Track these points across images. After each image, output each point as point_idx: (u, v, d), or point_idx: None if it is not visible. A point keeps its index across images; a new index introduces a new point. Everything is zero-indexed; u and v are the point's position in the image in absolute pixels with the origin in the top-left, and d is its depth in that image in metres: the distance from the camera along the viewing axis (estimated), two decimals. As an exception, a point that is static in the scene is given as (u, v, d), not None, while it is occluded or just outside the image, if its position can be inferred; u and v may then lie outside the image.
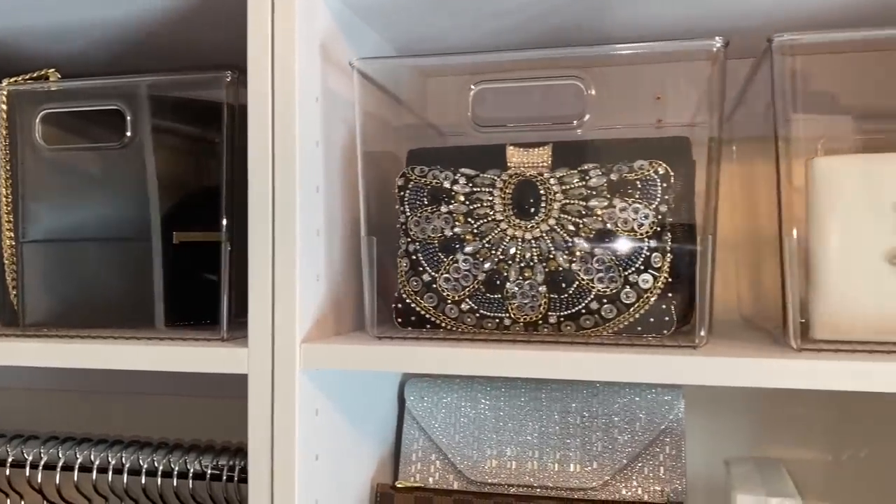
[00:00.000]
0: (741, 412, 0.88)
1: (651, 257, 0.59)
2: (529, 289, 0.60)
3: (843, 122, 0.61)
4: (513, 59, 0.64)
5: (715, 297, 0.87)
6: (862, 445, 0.85)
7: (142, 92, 0.69)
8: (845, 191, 0.56)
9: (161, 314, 0.73)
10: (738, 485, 0.63)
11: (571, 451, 0.77)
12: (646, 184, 0.59)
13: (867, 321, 0.56)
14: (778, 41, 0.55)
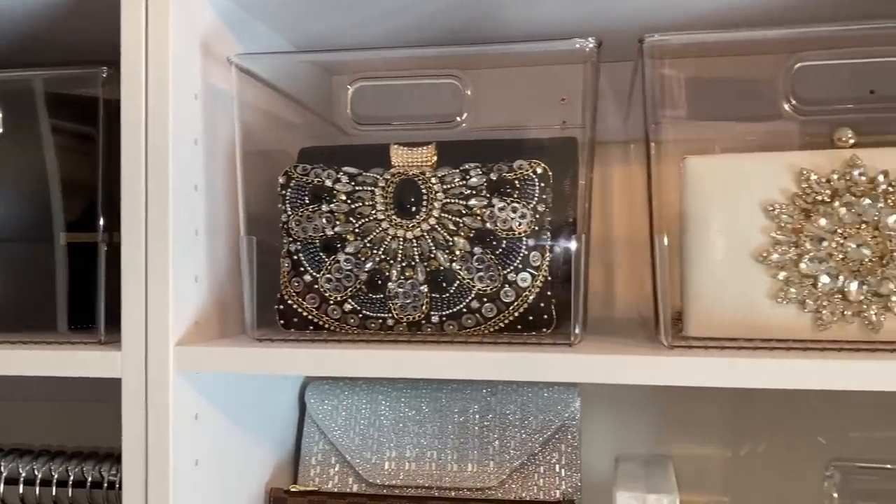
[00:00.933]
0: (643, 409, 0.89)
1: (530, 256, 0.59)
2: (411, 288, 0.60)
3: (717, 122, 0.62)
4: (384, 56, 0.64)
5: (617, 297, 0.89)
6: (760, 440, 0.87)
7: (16, 87, 0.67)
8: (716, 190, 0.57)
9: (63, 318, 0.71)
10: (620, 482, 0.64)
11: (470, 450, 0.77)
12: (524, 183, 0.60)
13: (738, 318, 0.57)
14: (648, 42, 0.56)
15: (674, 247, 0.56)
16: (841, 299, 0.54)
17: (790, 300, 0.55)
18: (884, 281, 0.54)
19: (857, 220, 0.54)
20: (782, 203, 0.55)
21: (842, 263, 0.54)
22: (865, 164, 0.54)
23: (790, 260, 0.55)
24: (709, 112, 0.61)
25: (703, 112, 0.60)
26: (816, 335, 0.55)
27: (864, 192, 0.54)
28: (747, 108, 0.58)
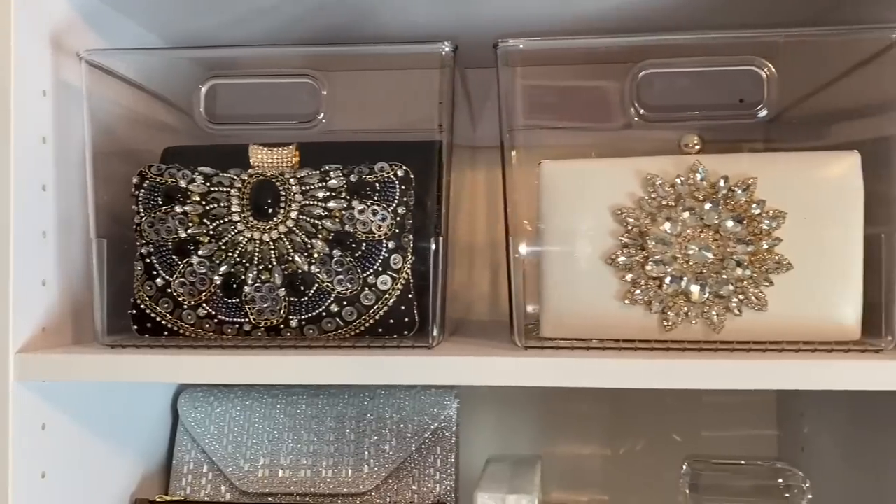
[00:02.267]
0: (526, 410, 0.90)
1: (390, 259, 0.59)
2: (269, 292, 0.59)
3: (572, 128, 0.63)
4: (235, 55, 0.63)
5: (490, 299, 0.90)
6: (638, 439, 0.90)
7: None
8: (569, 194, 0.58)
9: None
10: (483, 483, 0.64)
11: (345, 456, 0.76)
12: (385, 186, 0.59)
13: (590, 320, 0.58)
14: (502, 47, 0.56)
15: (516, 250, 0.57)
16: (685, 300, 0.56)
17: (637, 301, 0.57)
18: (724, 283, 0.56)
19: (699, 223, 0.56)
20: (630, 207, 0.57)
21: (685, 266, 0.56)
22: (707, 169, 0.56)
23: (637, 262, 0.56)
24: (568, 117, 0.62)
25: (561, 117, 0.61)
26: (663, 335, 0.57)
27: (706, 196, 0.56)
28: (601, 114, 0.59)
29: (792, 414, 0.83)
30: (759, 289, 0.55)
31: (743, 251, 0.55)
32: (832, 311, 0.55)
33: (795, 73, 0.78)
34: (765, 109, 0.56)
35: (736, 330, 0.56)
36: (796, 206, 0.55)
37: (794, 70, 0.79)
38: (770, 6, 0.68)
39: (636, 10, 0.63)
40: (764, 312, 0.55)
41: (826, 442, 0.75)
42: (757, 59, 0.55)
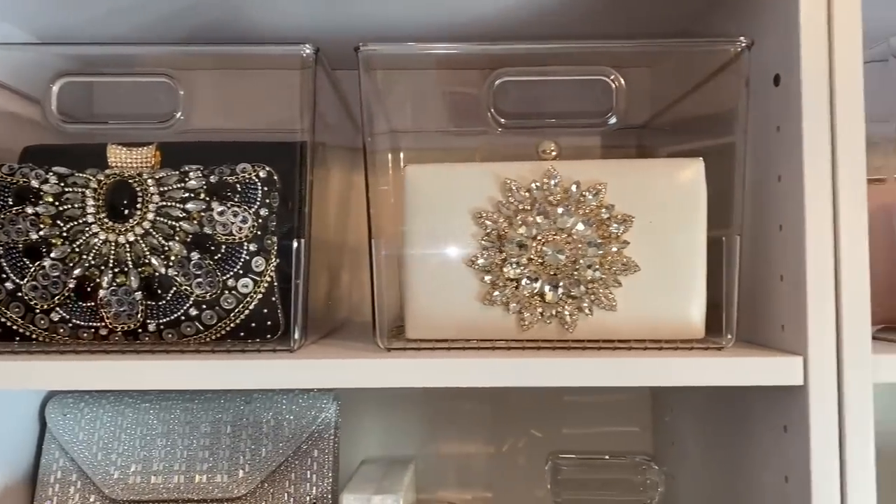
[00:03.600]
0: (411, 410, 0.91)
1: (252, 262, 0.59)
2: (125, 295, 0.57)
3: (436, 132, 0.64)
4: (93, 52, 0.61)
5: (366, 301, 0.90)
6: (521, 436, 0.92)
7: None
8: (432, 197, 0.59)
9: None
10: (350, 485, 0.64)
11: (220, 461, 0.75)
12: (246, 187, 0.59)
13: (452, 321, 0.59)
14: (364, 51, 0.57)
15: (378, 252, 0.58)
16: (540, 301, 0.58)
17: (496, 302, 0.58)
18: (576, 284, 0.57)
19: (553, 227, 0.58)
20: (489, 211, 0.58)
21: (540, 268, 0.58)
22: (561, 175, 0.58)
23: (496, 264, 0.58)
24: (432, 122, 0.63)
25: (432, 122, 0.62)
26: (520, 335, 0.58)
27: (560, 201, 0.58)
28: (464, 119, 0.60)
29: (663, 410, 0.86)
30: (609, 289, 0.57)
31: (593, 254, 0.57)
32: (677, 311, 0.58)
33: (666, 82, 0.82)
34: (614, 118, 0.59)
35: (588, 329, 0.58)
36: (643, 210, 0.57)
37: (665, 79, 0.83)
38: (634, 18, 0.71)
39: (503, 19, 0.65)
40: (614, 312, 0.58)
41: (690, 436, 0.78)
42: (607, 69, 0.57)
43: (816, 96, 0.54)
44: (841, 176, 0.54)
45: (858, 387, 0.54)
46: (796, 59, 0.55)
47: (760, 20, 0.61)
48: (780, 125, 0.57)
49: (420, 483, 0.90)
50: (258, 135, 0.62)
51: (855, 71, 0.54)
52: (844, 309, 0.54)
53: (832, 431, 0.54)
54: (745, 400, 0.64)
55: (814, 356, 0.54)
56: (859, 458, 0.54)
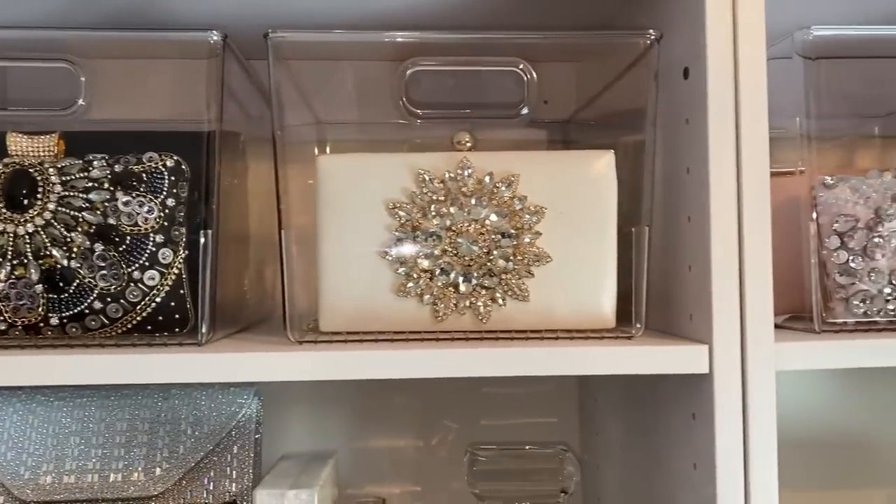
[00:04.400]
0: (341, 405, 0.90)
1: (159, 253, 0.57)
2: (25, 288, 0.55)
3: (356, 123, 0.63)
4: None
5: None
6: (450, 430, 0.92)
7: None
8: (346, 187, 0.58)
9: None
10: (265, 481, 0.64)
11: (136, 459, 0.73)
12: (153, 177, 0.57)
13: (366, 313, 0.58)
14: (273, 38, 0.56)
15: (289, 243, 0.57)
16: (454, 292, 0.58)
17: (410, 294, 0.58)
18: (489, 274, 0.58)
19: (466, 218, 0.58)
20: (403, 201, 0.58)
21: (454, 259, 0.58)
22: (475, 166, 0.58)
23: (409, 256, 0.58)
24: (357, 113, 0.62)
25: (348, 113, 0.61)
26: (435, 326, 0.58)
27: (473, 192, 0.58)
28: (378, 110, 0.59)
29: (588, 400, 0.87)
30: (522, 280, 0.58)
31: (506, 244, 0.57)
32: (589, 301, 0.58)
33: (589, 76, 0.83)
34: (526, 109, 0.59)
35: (502, 320, 0.58)
36: (555, 201, 0.58)
37: (588, 74, 0.84)
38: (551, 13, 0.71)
39: (417, 10, 0.64)
40: (527, 303, 0.58)
41: (612, 425, 0.79)
42: (519, 61, 0.57)
43: (722, 90, 0.55)
44: (745, 168, 0.55)
45: (762, 375, 0.55)
46: (703, 52, 0.56)
47: (672, 14, 0.61)
48: (689, 118, 0.58)
49: (348, 478, 0.90)
50: (168, 125, 0.60)
51: (759, 65, 0.55)
52: (748, 299, 0.55)
53: (736, 418, 0.55)
54: (659, 388, 0.65)
55: (719, 345, 0.55)
56: (762, 445, 0.55)
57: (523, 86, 0.57)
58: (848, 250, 0.59)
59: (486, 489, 0.67)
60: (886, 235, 0.59)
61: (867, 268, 0.58)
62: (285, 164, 0.59)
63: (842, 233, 0.59)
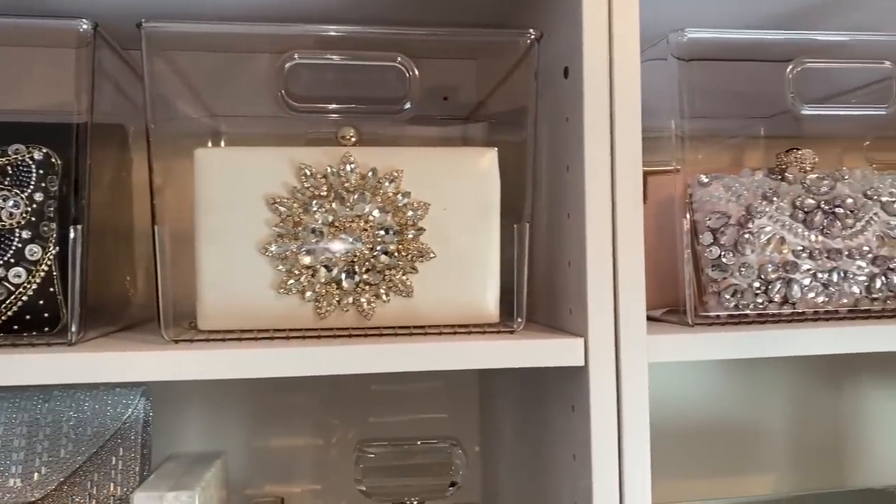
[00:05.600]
0: (239, 404, 0.89)
1: (25, 250, 0.55)
2: None
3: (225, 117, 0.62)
4: None
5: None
6: (350, 427, 0.91)
7: None
8: (224, 182, 0.57)
9: None
10: (145, 483, 0.62)
11: (13, 464, 0.70)
12: (18, 170, 0.55)
13: (246, 310, 0.57)
14: (147, 27, 0.54)
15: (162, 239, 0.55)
16: (337, 289, 0.57)
17: (292, 291, 0.57)
18: (373, 271, 0.57)
19: (349, 213, 0.57)
20: (284, 196, 0.57)
21: (337, 255, 0.57)
22: (358, 161, 0.57)
23: (291, 252, 0.57)
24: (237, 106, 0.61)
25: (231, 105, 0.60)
26: (318, 324, 0.58)
27: (356, 187, 0.57)
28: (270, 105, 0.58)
29: (487, 395, 0.88)
30: (406, 276, 0.58)
31: (390, 240, 0.57)
32: (473, 296, 0.59)
33: (487, 75, 0.83)
34: (408, 104, 0.59)
35: (386, 316, 0.58)
36: (439, 197, 0.58)
37: (486, 72, 0.84)
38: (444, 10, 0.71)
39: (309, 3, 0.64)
40: (411, 298, 0.58)
41: (507, 419, 0.80)
42: (402, 56, 0.57)
43: (597, 89, 0.57)
44: (619, 167, 0.57)
45: (635, 366, 0.57)
46: (579, 53, 0.57)
47: (555, 14, 0.62)
48: (569, 117, 0.59)
49: (247, 478, 0.88)
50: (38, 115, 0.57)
51: (633, 66, 0.57)
52: (622, 293, 0.56)
53: (611, 410, 0.56)
54: (543, 382, 0.66)
55: (593, 338, 0.56)
56: (636, 435, 0.57)
57: (405, 81, 0.57)
58: (720, 246, 0.61)
59: (374, 485, 0.67)
60: (756, 232, 0.61)
61: (738, 263, 0.61)
62: (169, 158, 0.57)
63: (714, 229, 0.62)
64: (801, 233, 0.61)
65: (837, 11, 0.81)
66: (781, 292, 0.61)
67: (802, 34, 0.63)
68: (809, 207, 0.62)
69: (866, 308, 0.63)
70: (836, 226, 0.62)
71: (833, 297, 0.62)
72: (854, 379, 1.01)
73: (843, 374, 1.00)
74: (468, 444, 0.91)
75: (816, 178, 0.63)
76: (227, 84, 0.63)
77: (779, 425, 0.99)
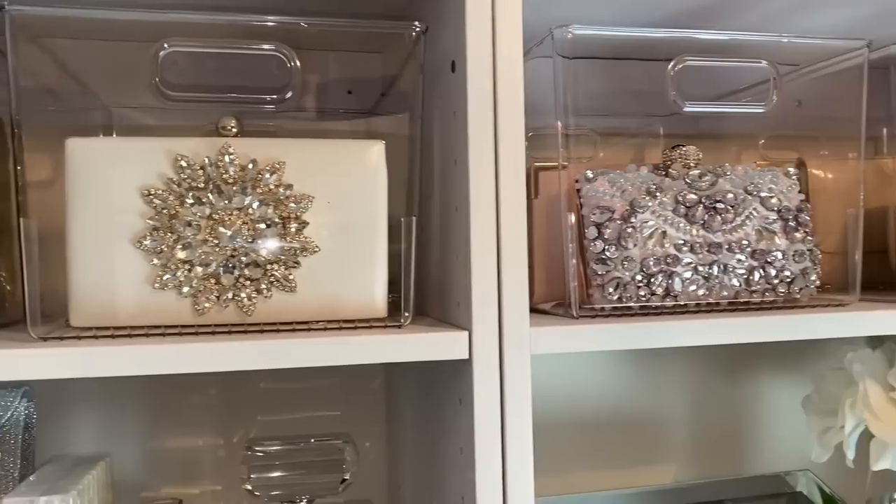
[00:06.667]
0: (136, 404, 0.86)
1: None
2: None
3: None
4: None
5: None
6: (251, 426, 0.89)
7: None
8: (98, 173, 0.55)
9: None
10: (17, 488, 0.59)
11: None
12: None
13: (121, 306, 0.55)
14: (10, 11, 0.51)
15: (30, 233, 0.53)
16: (215, 284, 0.56)
17: (168, 286, 0.55)
18: (253, 265, 0.56)
19: (229, 206, 0.56)
20: (159, 188, 0.55)
21: (216, 249, 0.56)
22: (237, 152, 0.56)
23: (166, 246, 0.55)
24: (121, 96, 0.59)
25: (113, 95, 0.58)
26: (196, 320, 0.56)
27: (235, 179, 0.56)
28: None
29: (391, 392, 0.88)
30: (288, 271, 0.57)
31: (272, 234, 0.56)
32: (359, 291, 0.58)
33: (390, 68, 0.83)
34: (290, 93, 0.58)
35: (268, 312, 0.57)
36: (323, 190, 0.57)
37: (389, 66, 0.84)
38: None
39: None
40: (294, 294, 0.57)
41: (408, 414, 0.80)
42: (283, 46, 0.56)
43: (482, 84, 0.57)
44: (503, 162, 0.57)
45: (518, 359, 0.57)
46: (464, 47, 0.57)
47: (443, 7, 0.62)
48: (456, 111, 0.59)
49: (143, 480, 0.86)
50: None
51: (516, 62, 0.57)
52: (505, 286, 0.57)
53: (494, 402, 0.57)
54: (435, 376, 0.66)
55: (478, 331, 0.56)
56: (519, 427, 0.57)
57: (288, 72, 0.56)
58: (604, 240, 0.62)
59: (262, 484, 0.66)
60: (639, 226, 0.62)
61: (621, 256, 0.62)
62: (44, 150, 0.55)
63: (599, 224, 0.63)
64: (682, 227, 0.63)
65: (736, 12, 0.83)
66: (663, 285, 0.62)
67: (685, 33, 0.65)
68: (691, 202, 0.64)
69: (746, 300, 0.65)
70: (716, 220, 0.63)
71: (713, 289, 0.64)
72: (751, 369, 1.04)
73: (741, 364, 1.04)
74: (374, 440, 0.90)
75: (699, 174, 0.65)
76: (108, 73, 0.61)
77: (680, 416, 1.01)
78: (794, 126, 0.92)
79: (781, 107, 0.78)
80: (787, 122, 0.90)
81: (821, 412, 0.83)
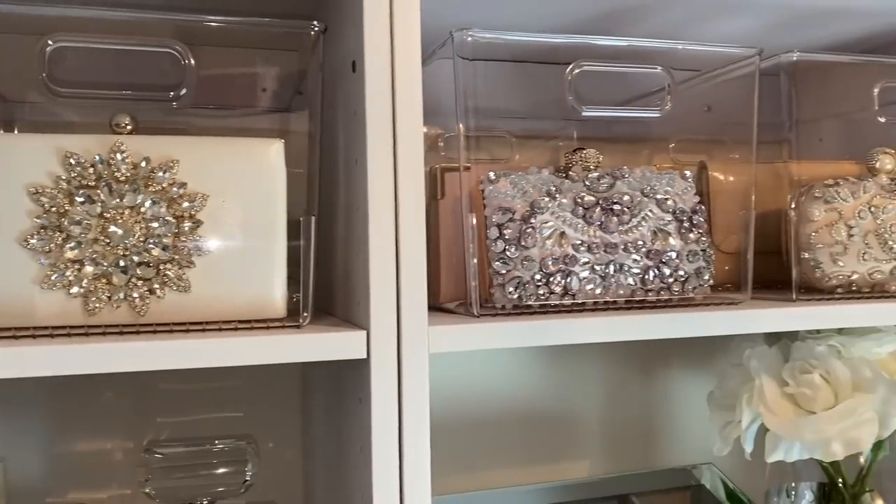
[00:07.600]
0: (37, 407, 0.83)
1: None
2: None
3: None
4: None
5: None
6: (163, 428, 0.88)
7: None
8: (-18, 170, 0.54)
9: None
10: None
11: None
12: None
13: (6, 307, 0.53)
14: None
15: None
16: (106, 284, 0.55)
17: (56, 286, 0.54)
18: (146, 265, 0.55)
19: (120, 205, 0.55)
20: (47, 186, 0.54)
21: (107, 248, 0.55)
22: (130, 150, 0.55)
23: (55, 245, 0.54)
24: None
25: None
26: (88, 321, 0.55)
27: (127, 177, 0.55)
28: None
29: (307, 393, 0.88)
30: (182, 270, 0.56)
31: (165, 233, 0.56)
32: (257, 291, 0.58)
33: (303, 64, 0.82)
34: (184, 90, 0.57)
35: (162, 312, 0.56)
36: (219, 189, 0.57)
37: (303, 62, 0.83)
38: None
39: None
40: (188, 294, 0.56)
41: (319, 413, 0.80)
42: (177, 42, 0.55)
43: (380, 85, 0.57)
44: (401, 162, 0.57)
45: (415, 358, 0.57)
46: (362, 47, 0.57)
47: (345, 8, 0.63)
48: (356, 111, 0.60)
49: (48, 485, 0.83)
50: None
51: (415, 63, 0.58)
52: (403, 285, 0.57)
53: (392, 400, 0.57)
54: (341, 376, 0.66)
55: (375, 330, 0.57)
56: (416, 426, 0.58)
57: (182, 70, 0.55)
58: (504, 240, 0.63)
59: (160, 486, 0.65)
60: (538, 226, 0.64)
61: (521, 256, 0.63)
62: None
63: (500, 224, 0.64)
64: (580, 228, 0.65)
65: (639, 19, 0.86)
66: (561, 284, 0.64)
67: (584, 39, 0.66)
68: (589, 204, 0.65)
69: (641, 299, 0.67)
70: (613, 221, 0.65)
71: (610, 288, 0.65)
72: (664, 365, 1.08)
73: (653, 361, 1.07)
74: (291, 440, 0.90)
75: (597, 176, 0.67)
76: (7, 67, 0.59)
77: (594, 412, 1.04)
78: (703, 130, 0.95)
79: (691, 111, 0.81)
80: (698, 126, 0.94)
81: (722, 407, 0.86)
